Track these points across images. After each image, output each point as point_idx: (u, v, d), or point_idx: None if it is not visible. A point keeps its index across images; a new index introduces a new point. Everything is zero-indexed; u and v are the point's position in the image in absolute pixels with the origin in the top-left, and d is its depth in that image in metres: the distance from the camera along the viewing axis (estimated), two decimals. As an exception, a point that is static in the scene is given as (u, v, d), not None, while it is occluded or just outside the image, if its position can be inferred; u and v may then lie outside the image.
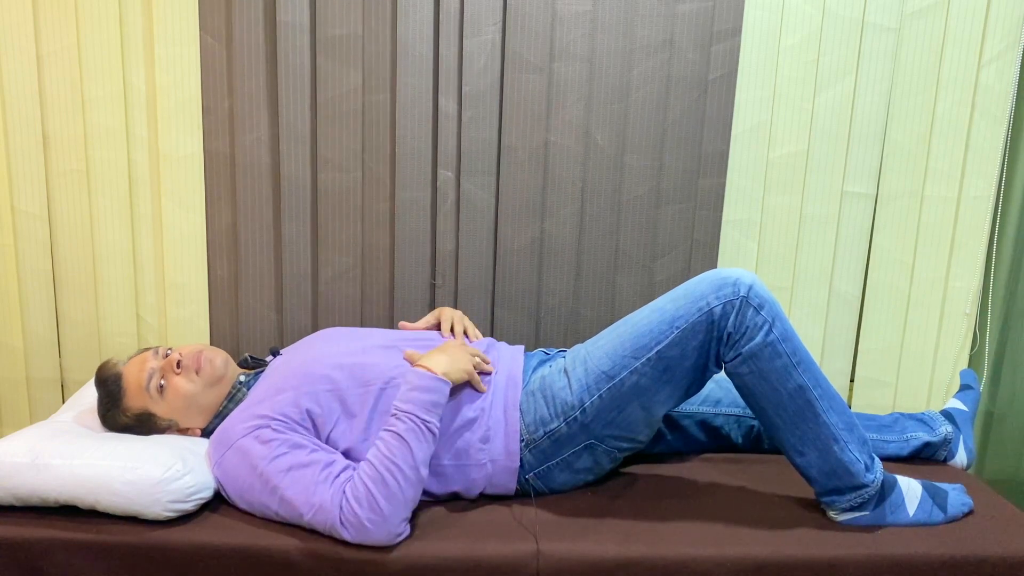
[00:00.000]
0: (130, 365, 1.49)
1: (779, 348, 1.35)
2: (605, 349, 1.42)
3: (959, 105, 1.88)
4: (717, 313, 1.35)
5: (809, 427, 1.37)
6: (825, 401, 1.37)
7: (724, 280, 1.36)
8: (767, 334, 1.34)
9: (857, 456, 1.38)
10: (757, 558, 1.30)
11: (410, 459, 1.29)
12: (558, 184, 1.89)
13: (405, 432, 1.30)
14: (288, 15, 1.81)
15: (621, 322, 1.46)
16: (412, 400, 1.33)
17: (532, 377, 1.50)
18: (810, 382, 1.36)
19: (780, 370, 1.36)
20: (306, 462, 1.31)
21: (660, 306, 1.40)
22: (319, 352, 1.48)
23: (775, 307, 1.36)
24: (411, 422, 1.31)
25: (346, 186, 1.89)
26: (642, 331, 1.39)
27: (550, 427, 1.43)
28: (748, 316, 1.34)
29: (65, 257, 1.95)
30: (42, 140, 1.88)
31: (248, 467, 1.33)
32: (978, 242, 1.95)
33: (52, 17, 1.83)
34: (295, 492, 1.29)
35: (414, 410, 1.32)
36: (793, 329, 1.38)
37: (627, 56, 1.84)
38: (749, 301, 1.34)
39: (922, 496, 1.42)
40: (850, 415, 1.40)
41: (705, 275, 1.39)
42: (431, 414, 1.33)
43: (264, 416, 1.37)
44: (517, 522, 1.38)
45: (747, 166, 1.91)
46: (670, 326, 1.37)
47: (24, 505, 1.35)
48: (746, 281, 1.35)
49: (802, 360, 1.37)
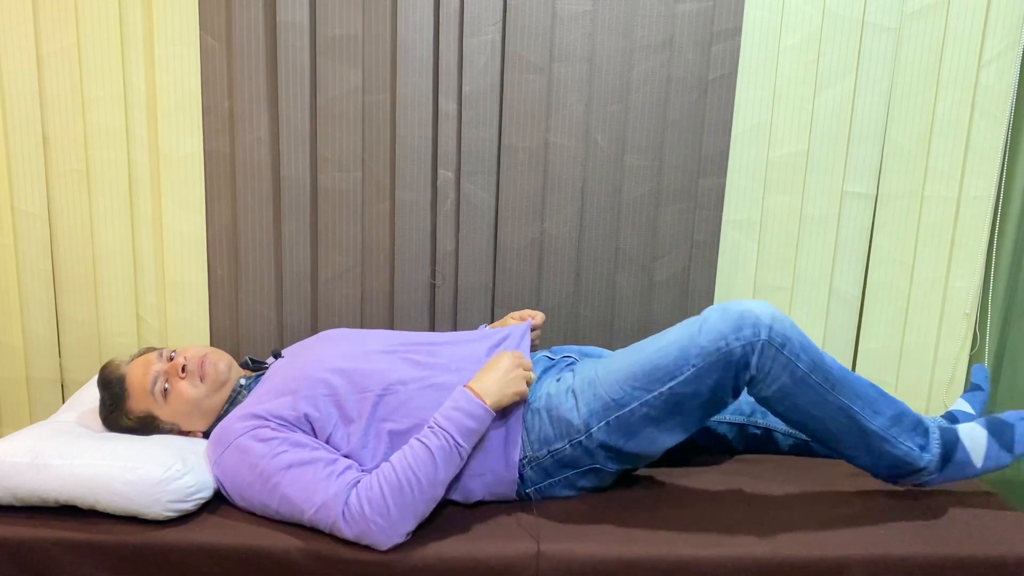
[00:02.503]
0: (134, 367, 1.49)
1: (810, 380, 1.34)
2: (616, 376, 1.39)
3: (959, 105, 1.88)
4: (737, 354, 1.32)
5: (856, 437, 1.39)
6: (867, 409, 1.38)
7: (743, 319, 1.33)
8: (794, 371, 1.33)
9: (910, 446, 1.39)
10: (757, 558, 1.29)
11: (432, 475, 1.27)
12: (558, 184, 1.89)
13: (436, 448, 1.28)
14: (288, 15, 1.81)
15: (635, 347, 1.44)
16: (453, 420, 1.31)
17: (538, 393, 1.47)
18: (847, 399, 1.36)
19: (815, 400, 1.36)
20: (307, 460, 1.30)
21: (676, 338, 1.37)
22: (319, 355, 1.48)
23: (797, 339, 1.34)
24: (445, 441, 1.29)
25: (346, 186, 1.89)
26: (656, 363, 1.36)
27: (554, 447, 1.41)
28: (772, 357, 1.33)
29: (65, 257, 1.95)
30: (42, 140, 1.88)
31: (247, 465, 1.32)
32: (978, 242, 1.95)
33: (52, 17, 1.83)
34: (296, 490, 1.28)
35: (451, 430, 1.30)
36: (817, 349, 1.36)
37: (627, 56, 1.84)
38: (772, 342, 1.32)
39: (987, 444, 1.41)
40: (893, 405, 1.40)
41: (725, 310, 1.35)
42: (467, 439, 1.31)
43: (261, 416, 1.36)
44: (517, 523, 1.38)
45: (747, 166, 1.91)
46: (686, 363, 1.34)
47: (24, 505, 1.35)
48: (765, 321, 1.32)
49: (836, 381, 1.36)
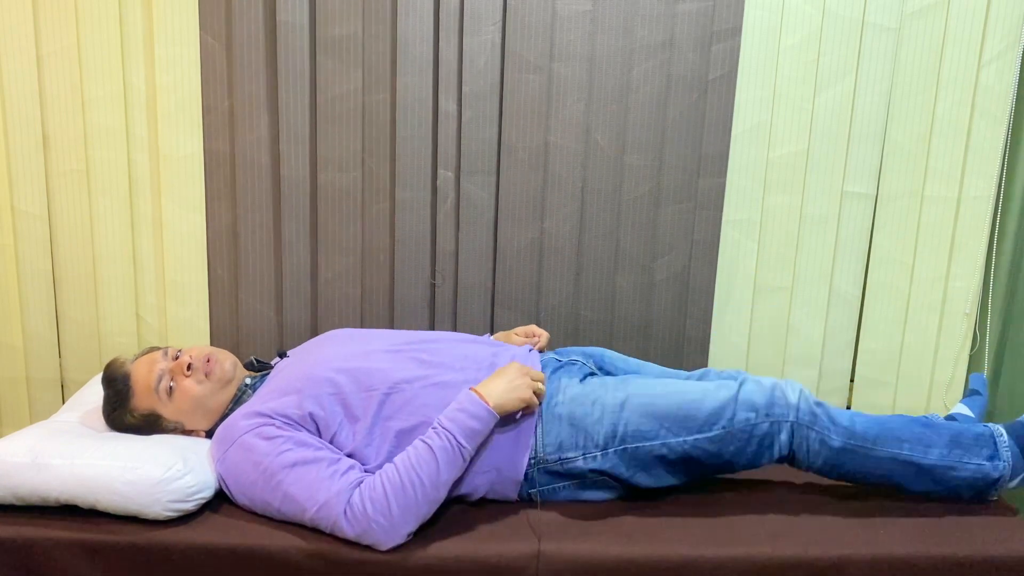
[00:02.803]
0: (138, 365, 1.49)
1: (849, 447, 1.39)
2: (649, 408, 1.41)
3: (959, 105, 1.88)
4: (762, 430, 1.40)
5: (919, 476, 1.41)
6: (917, 448, 1.40)
7: (775, 397, 1.40)
8: (831, 444, 1.39)
9: (977, 462, 1.40)
10: (757, 558, 1.30)
11: (435, 476, 1.28)
12: (558, 184, 1.89)
13: (439, 449, 1.29)
14: (288, 15, 1.81)
15: (668, 382, 1.46)
16: (456, 421, 1.32)
17: (558, 397, 1.46)
18: (894, 447, 1.39)
19: (863, 460, 1.40)
20: (311, 459, 1.30)
21: (712, 393, 1.41)
22: (324, 355, 1.48)
23: (823, 414, 1.40)
24: (448, 441, 1.30)
25: (346, 186, 1.89)
26: (689, 412, 1.40)
27: (567, 455, 1.42)
28: (804, 436, 1.40)
29: (65, 257, 1.95)
30: (42, 140, 1.88)
31: (251, 463, 1.32)
32: (978, 242, 1.95)
33: (52, 17, 1.83)
34: (299, 488, 1.28)
35: (455, 431, 1.31)
36: (847, 415, 1.41)
37: (627, 56, 1.84)
38: (800, 422, 1.39)
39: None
40: (944, 431, 1.41)
41: (759, 383, 1.41)
42: (470, 441, 1.32)
43: (266, 414, 1.36)
44: (518, 522, 1.38)
45: (747, 166, 1.91)
46: (717, 422, 1.39)
47: (24, 505, 1.34)
48: (792, 401, 1.40)
49: (875, 437, 1.39)
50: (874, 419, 1.43)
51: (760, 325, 1.99)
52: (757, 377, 1.44)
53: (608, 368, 1.67)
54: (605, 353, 1.69)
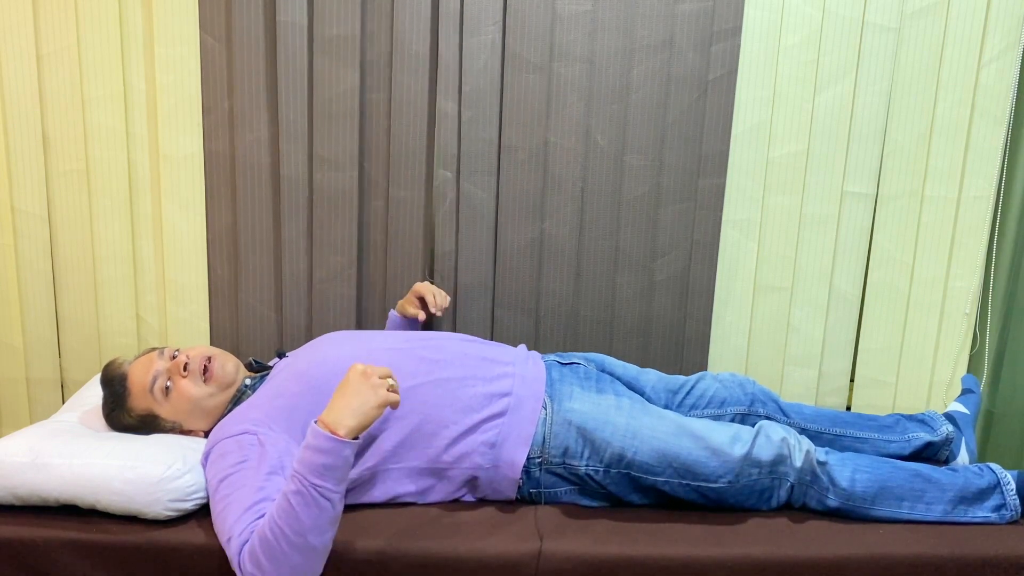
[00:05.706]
0: (136, 365, 1.49)
1: (847, 506, 1.43)
2: (659, 444, 1.41)
3: (959, 105, 1.88)
4: (764, 484, 1.43)
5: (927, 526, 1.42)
6: (918, 506, 1.43)
7: (781, 456, 1.42)
8: (828, 505, 1.44)
9: (984, 515, 1.42)
10: (757, 558, 1.30)
11: (294, 523, 1.13)
12: (558, 184, 1.89)
13: (292, 494, 1.14)
14: (288, 15, 1.81)
15: (687, 421, 1.46)
16: (304, 461, 1.16)
17: (573, 402, 1.47)
18: (892, 507, 1.43)
19: (862, 516, 1.44)
20: (252, 486, 1.23)
21: (725, 448, 1.42)
22: (323, 356, 1.47)
23: (823, 474, 1.43)
24: (300, 484, 1.14)
25: (343, 185, 1.89)
26: (697, 460, 1.41)
27: (571, 461, 1.43)
28: (802, 492, 1.45)
29: (65, 257, 1.95)
30: (42, 140, 1.88)
31: (214, 470, 1.30)
32: (978, 242, 1.95)
33: (52, 17, 1.83)
34: (225, 516, 1.22)
35: (303, 472, 1.15)
36: (851, 474, 1.44)
37: (627, 56, 1.84)
38: (801, 480, 1.44)
39: None
40: (948, 487, 1.43)
41: (770, 440, 1.43)
42: (323, 477, 1.14)
43: (255, 420, 1.36)
44: (519, 521, 1.38)
45: (747, 166, 1.91)
46: (722, 476, 1.41)
47: (24, 505, 1.35)
48: (797, 464, 1.43)
49: (875, 495, 1.42)
50: (877, 475, 1.44)
51: (760, 325, 1.99)
52: (769, 427, 1.46)
53: (608, 372, 1.67)
54: (605, 360, 1.69)
